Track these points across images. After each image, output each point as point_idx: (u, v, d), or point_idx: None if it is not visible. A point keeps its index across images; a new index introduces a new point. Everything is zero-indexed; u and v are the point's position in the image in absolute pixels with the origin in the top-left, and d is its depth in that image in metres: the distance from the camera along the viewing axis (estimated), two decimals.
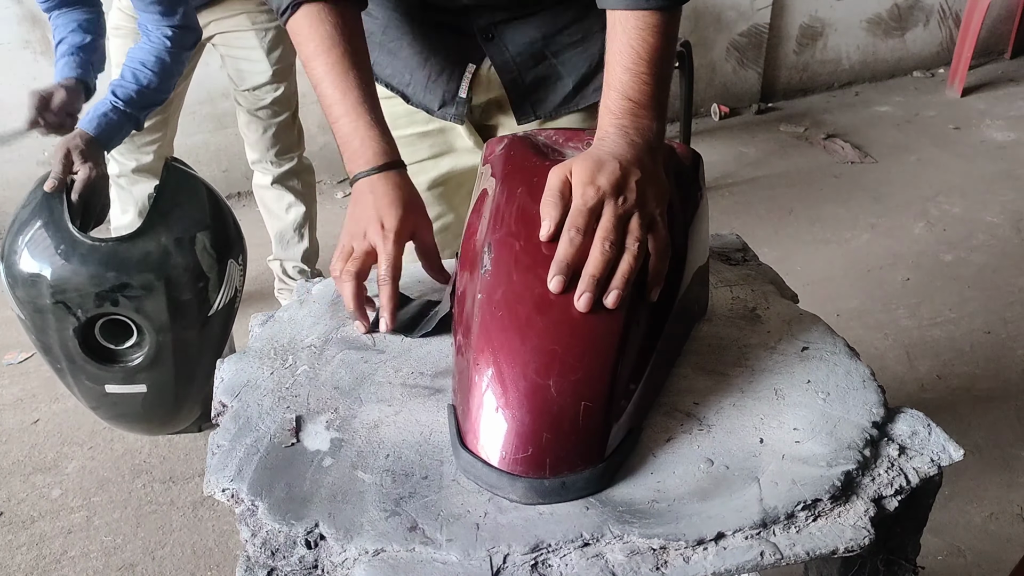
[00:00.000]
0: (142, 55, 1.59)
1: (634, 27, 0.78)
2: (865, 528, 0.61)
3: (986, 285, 2.34)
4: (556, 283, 0.68)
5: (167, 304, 1.46)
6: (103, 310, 1.45)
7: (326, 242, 2.78)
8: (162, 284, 1.45)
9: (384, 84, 1.12)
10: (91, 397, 1.60)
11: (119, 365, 1.53)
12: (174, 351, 1.52)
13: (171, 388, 1.59)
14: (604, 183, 0.71)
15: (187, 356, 1.56)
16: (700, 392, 0.74)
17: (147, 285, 1.45)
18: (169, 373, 1.56)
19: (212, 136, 3.03)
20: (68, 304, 1.44)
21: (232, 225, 1.61)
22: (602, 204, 0.71)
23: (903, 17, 3.80)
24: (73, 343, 1.48)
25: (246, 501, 0.64)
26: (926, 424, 0.70)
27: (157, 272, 1.45)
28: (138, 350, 1.52)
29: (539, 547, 0.59)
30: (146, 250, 1.45)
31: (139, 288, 1.44)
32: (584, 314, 0.67)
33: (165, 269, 1.46)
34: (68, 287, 1.42)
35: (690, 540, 0.59)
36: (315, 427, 0.72)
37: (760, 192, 2.92)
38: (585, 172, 0.72)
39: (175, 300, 1.47)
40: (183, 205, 1.53)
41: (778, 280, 0.93)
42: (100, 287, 1.43)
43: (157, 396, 1.59)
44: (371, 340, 0.83)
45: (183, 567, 1.61)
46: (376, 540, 0.60)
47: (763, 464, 0.66)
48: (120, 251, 1.44)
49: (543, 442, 0.63)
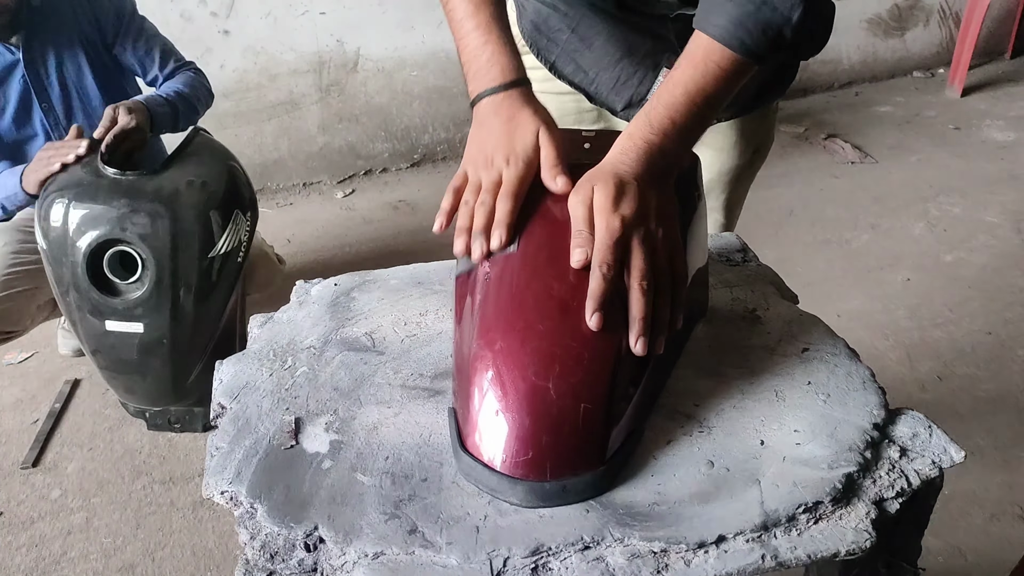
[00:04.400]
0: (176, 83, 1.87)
1: (716, 61, 0.77)
2: (866, 530, 0.61)
3: (987, 286, 2.33)
4: (596, 320, 0.66)
5: (170, 234, 1.58)
6: (111, 236, 1.58)
7: (327, 243, 2.78)
8: (168, 214, 1.57)
9: (567, 81, 1.12)
10: (93, 337, 1.68)
11: (120, 298, 1.63)
12: (172, 289, 1.62)
13: (166, 333, 1.66)
14: (627, 211, 0.70)
15: (182, 302, 1.65)
16: (700, 394, 0.74)
17: (154, 212, 1.57)
18: (165, 316, 1.65)
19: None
20: (83, 229, 1.58)
21: (246, 185, 1.76)
22: (628, 235, 0.70)
23: (903, 17, 3.80)
24: (82, 270, 1.59)
25: (245, 503, 0.64)
26: (927, 426, 0.70)
27: (166, 203, 1.58)
28: (140, 285, 1.62)
29: (539, 550, 0.59)
30: (159, 185, 1.60)
31: (146, 215, 1.57)
32: (583, 316, 0.67)
33: (173, 201, 1.59)
34: (86, 213, 1.57)
35: (691, 543, 0.59)
36: (314, 429, 0.71)
37: (760, 192, 2.90)
38: (607, 199, 0.70)
39: (178, 230, 1.59)
40: (201, 157, 1.71)
41: (778, 281, 0.93)
42: (112, 212, 1.57)
43: (153, 340, 1.66)
44: (371, 342, 0.83)
45: (183, 568, 1.60)
46: (376, 543, 0.60)
47: (764, 466, 0.65)
48: (136, 184, 1.59)
49: (543, 445, 0.63)
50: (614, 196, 0.70)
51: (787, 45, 0.79)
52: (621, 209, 0.70)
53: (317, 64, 2.98)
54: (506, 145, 0.77)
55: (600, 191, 0.71)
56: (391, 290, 0.92)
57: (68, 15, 1.79)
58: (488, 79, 0.81)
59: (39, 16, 1.76)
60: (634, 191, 0.71)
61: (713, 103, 0.78)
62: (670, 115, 0.76)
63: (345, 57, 2.99)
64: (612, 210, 0.70)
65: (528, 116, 0.78)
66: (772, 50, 0.78)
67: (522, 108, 0.79)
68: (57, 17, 1.78)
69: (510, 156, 0.76)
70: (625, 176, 0.72)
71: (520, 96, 0.80)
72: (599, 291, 0.67)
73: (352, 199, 3.07)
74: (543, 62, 1.14)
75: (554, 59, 1.13)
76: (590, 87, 1.12)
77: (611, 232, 0.69)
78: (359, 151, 3.18)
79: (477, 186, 0.76)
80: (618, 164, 0.74)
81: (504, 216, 0.73)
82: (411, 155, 3.26)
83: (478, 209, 0.74)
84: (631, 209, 0.70)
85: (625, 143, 0.76)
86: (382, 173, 3.23)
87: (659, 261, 0.71)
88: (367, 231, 2.83)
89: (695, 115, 0.77)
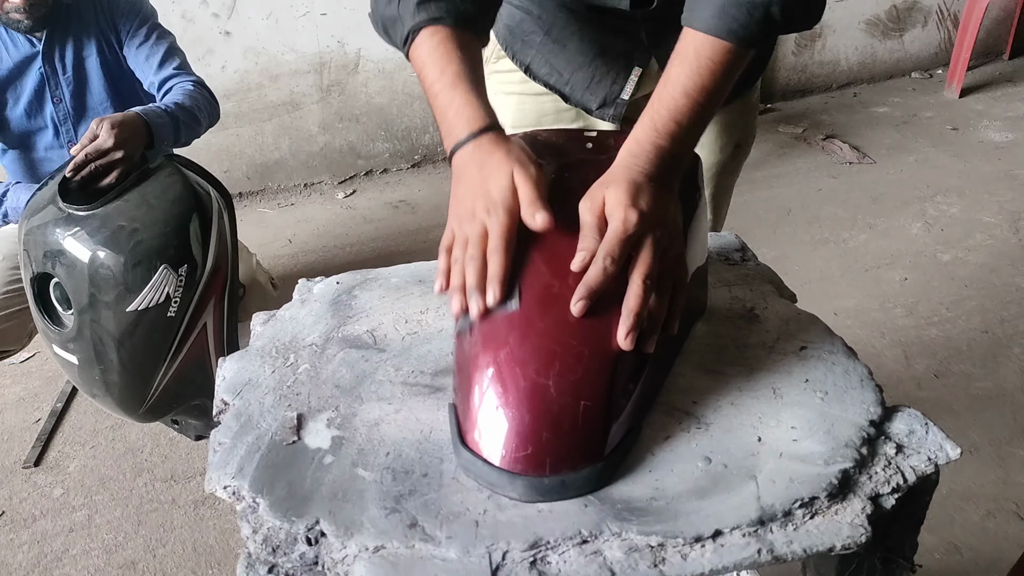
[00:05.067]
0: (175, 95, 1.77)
1: (708, 55, 0.77)
2: (862, 526, 0.62)
3: (983, 284, 2.34)
4: (580, 307, 0.66)
5: (88, 279, 1.48)
6: (45, 270, 1.52)
7: (328, 242, 2.79)
8: (88, 259, 1.47)
9: (541, 82, 1.13)
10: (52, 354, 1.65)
11: (56, 328, 1.58)
12: (92, 333, 1.53)
13: (95, 371, 1.58)
14: (644, 208, 0.70)
15: (106, 347, 1.55)
16: (699, 391, 0.75)
17: (75, 255, 1.48)
18: (92, 356, 1.56)
19: (213, 136, 3.01)
20: (29, 254, 1.54)
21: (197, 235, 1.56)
22: (642, 232, 0.69)
23: (901, 18, 3.80)
24: (31, 291, 1.57)
25: (247, 498, 0.65)
26: (923, 423, 0.71)
27: (90, 247, 1.47)
28: (69, 320, 1.56)
29: (538, 544, 0.60)
30: (92, 225, 1.49)
31: (69, 255, 1.49)
32: (583, 314, 0.68)
33: (98, 246, 1.48)
34: (30, 240, 1.53)
35: (688, 537, 0.60)
36: (316, 425, 0.72)
37: (759, 192, 2.92)
38: (625, 197, 0.70)
39: (97, 277, 1.48)
40: (148, 197, 1.54)
41: (776, 280, 0.94)
42: (47, 247, 1.50)
43: (85, 373, 1.60)
44: (372, 339, 0.84)
45: (184, 565, 1.61)
46: (376, 537, 0.61)
47: (761, 462, 0.66)
48: (71, 219, 1.50)
49: (543, 441, 0.64)
50: (632, 195, 0.70)
51: (779, 23, 0.78)
52: (640, 204, 0.70)
53: (318, 65, 2.98)
54: (483, 195, 0.75)
55: (615, 192, 0.71)
56: (392, 288, 0.93)
57: (90, 14, 1.81)
58: (457, 133, 0.80)
59: (65, 12, 1.78)
60: (649, 192, 0.71)
61: (713, 98, 0.78)
62: (675, 119, 0.76)
63: (346, 58, 3.00)
64: (629, 205, 0.69)
65: (499, 160, 0.75)
66: (763, 31, 0.77)
67: (492, 153, 0.77)
68: (80, 15, 1.80)
69: (489, 206, 0.74)
70: (639, 179, 0.72)
71: (489, 142, 0.78)
72: (595, 281, 0.67)
73: (353, 199, 3.08)
74: (518, 65, 1.16)
75: (529, 61, 1.14)
76: (565, 87, 1.13)
77: (626, 226, 0.69)
78: (360, 151, 3.19)
79: (464, 241, 0.74)
80: (631, 168, 0.74)
81: (496, 272, 0.71)
82: (411, 155, 3.26)
83: (468, 265, 0.72)
84: (648, 207, 0.70)
85: (633, 148, 0.76)
86: (383, 173, 3.24)
87: (666, 263, 0.71)
88: (368, 231, 2.84)
89: (697, 113, 0.77)
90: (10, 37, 1.77)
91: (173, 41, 1.90)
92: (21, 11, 1.70)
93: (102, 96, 1.84)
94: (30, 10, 1.70)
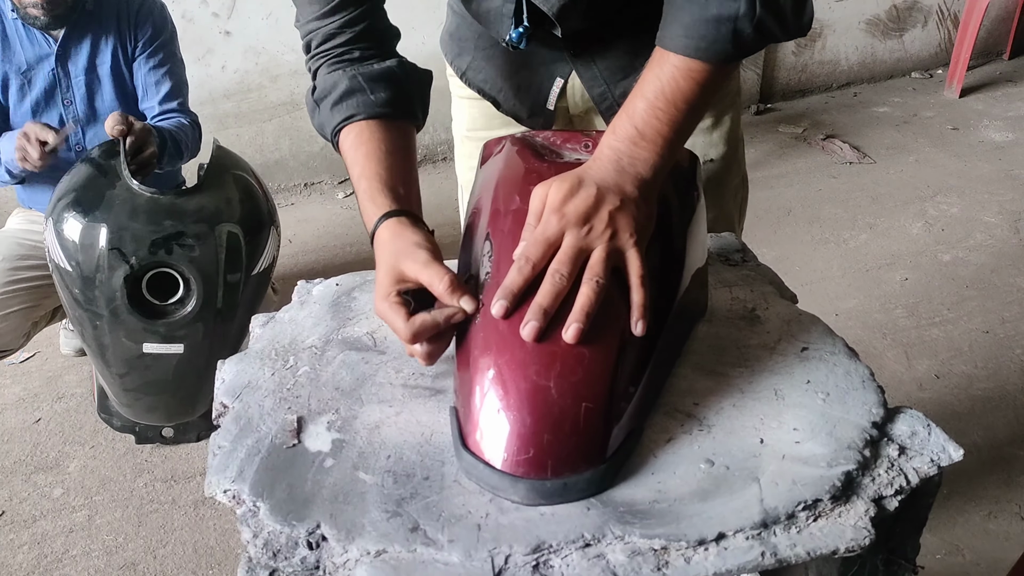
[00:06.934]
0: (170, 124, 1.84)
1: (671, 68, 0.77)
2: (865, 528, 0.61)
3: (984, 285, 2.34)
4: (498, 308, 0.67)
5: (216, 255, 1.56)
6: (157, 259, 1.54)
7: (328, 242, 2.78)
8: (214, 235, 1.56)
9: (476, 89, 1.14)
10: (124, 360, 1.65)
11: (162, 321, 1.59)
12: (216, 309, 1.59)
13: (205, 352, 1.63)
14: (571, 211, 0.70)
15: (223, 321, 1.62)
16: (700, 393, 0.74)
17: (200, 234, 1.56)
18: (205, 336, 1.62)
19: (214, 137, 3.04)
20: (123, 251, 1.53)
21: (269, 199, 1.77)
22: (562, 234, 0.70)
23: (901, 18, 3.80)
24: (121, 293, 1.55)
25: (247, 502, 0.65)
26: (925, 424, 0.70)
27: (211, 223, 1.57)
28: (182, 306, 1.59)
29: (540, 548, 0.59)
30: (200, 204, 1.58)
31: (193, 237, 1.54)
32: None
33: (218, 221, 1.58)
34: (125, 234, 1.53)
35: (691, 540, 0.59)
36: (316, 428, 0.72)
37: (759, 192, 2.91)
38: (557, 197, 0.71)
39: (226, 251, 1.57)
40: (232, 173, 1.70)
41: (777, 280, 0.93)
42: (157, 234, 1.53)
43: (190, 360, 1.64)
44: (372, 341, 0.83)
45: (184, 566, 1.61)
46: (378, 541, 0.60)
47: (763, 464, 0.66)
48: (177, 203, 1.57)
49: (544, 444, 0.63)
50: (566, 194, 0.71)
51: (749, 37, 0.76)
52: (565, 208, 0.71)
53: None
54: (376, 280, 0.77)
55: (555, 188, 0.72)
56: None
57: (112, 20, 1.82)
58: (367, 220, 0.83)
59: (84, 15, 1.80)
60: (589, 192, 0.71)
61: (680, 106, 0.76)
62: (632, 123, 0.76)
63: None
64: (554, 209, 0.71)
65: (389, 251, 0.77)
66: (735, 47, 0.76)
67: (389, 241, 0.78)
68: (101, 20, 1.82)
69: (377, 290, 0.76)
70: (586, 178, 0.73)
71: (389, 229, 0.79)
72: (510, 282, 0.68)
73: (353, 199, 3.08)
74: (456, 71, 1.17)
75: (465, 68, 1.15)
76: (498, 95, 1.13)
77: (544, 229, 0.70)
78: None
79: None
80: (586, 168, 0.75)
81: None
82: None
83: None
84: (576, 210, 0.70)
85: (596, 151, 0.77)
86: None
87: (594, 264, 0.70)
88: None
89: (659, 120, 0.76)
90: (27, 32, 1.78)
91: (183, 74, 1.95)
92: (39, 7, 1.71)
93: (112, 103, 1.86)
94: (48, 7, 1.71)
